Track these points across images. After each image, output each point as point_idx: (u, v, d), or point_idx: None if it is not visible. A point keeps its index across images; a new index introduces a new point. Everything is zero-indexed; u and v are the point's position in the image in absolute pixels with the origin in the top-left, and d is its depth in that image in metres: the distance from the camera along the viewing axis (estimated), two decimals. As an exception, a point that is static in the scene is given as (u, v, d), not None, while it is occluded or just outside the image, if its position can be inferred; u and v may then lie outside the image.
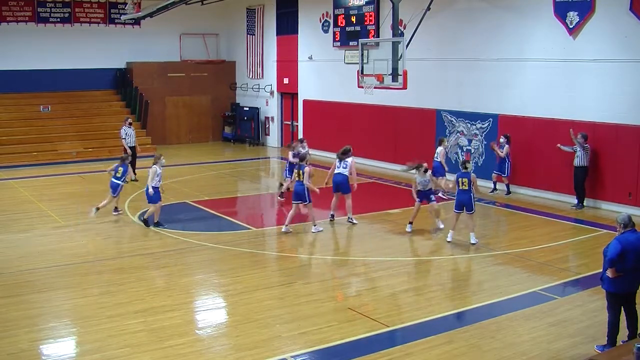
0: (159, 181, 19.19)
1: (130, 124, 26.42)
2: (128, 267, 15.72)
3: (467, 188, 17.12)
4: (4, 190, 24.00)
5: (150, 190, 18.86)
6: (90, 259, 16.27)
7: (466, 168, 17.37)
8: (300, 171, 18.51)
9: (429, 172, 19.01)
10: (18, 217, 20.58)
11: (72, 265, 15.72)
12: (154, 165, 19.12)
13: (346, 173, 19.55)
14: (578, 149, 20.87)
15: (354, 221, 19.63)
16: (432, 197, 18.79)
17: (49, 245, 17.57)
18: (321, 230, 18.70)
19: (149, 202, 19.18)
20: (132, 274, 15.30)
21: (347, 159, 19.65)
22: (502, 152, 22.90)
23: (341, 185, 19.52)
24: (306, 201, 18.64)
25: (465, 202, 17.19)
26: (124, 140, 25.91)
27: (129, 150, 25.67)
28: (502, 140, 23.07)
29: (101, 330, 11.94)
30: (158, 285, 14.50)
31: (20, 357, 10.94)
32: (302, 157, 19.05)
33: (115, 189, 20.16)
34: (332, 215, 19.99)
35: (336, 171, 19.76)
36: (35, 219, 20.47)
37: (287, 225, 18.69)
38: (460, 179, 17.22)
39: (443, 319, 12.40)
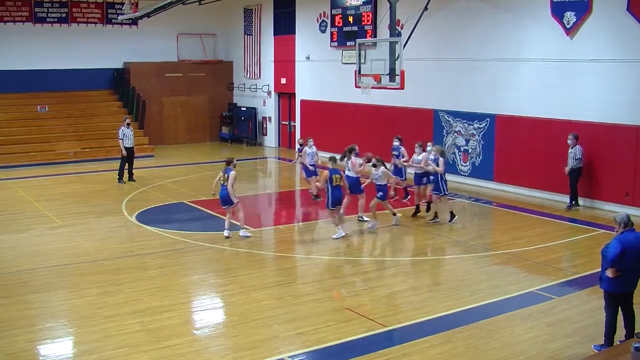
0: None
1: (128, 124, 26.38)
2: (126, 267, 15.71)
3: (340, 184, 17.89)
4: (1, 190, 23.96)
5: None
6: (88, 259, 16.26)
7: (335, 162, 18.29)
8: (226, 175, 17.91)
9: (382, 167, 19.09)
10: (16, 217, 20.57)
11: (69, 265, 15.71)
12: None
13: (353, 174, 19.46)
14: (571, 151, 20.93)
15: (364, 219, 19.63)
16: (380, 193, 19.09)
17: (46, 246, 17.57)
18: (249, 237, 17.98)
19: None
20: (130, 274, 15.29)
21: (348, 161, 19.63)
22: (438, 167, 19.67)
23: (352, 186, 19.36)
24: (232, 204, 17.93)
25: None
26: (120, 140, 25.86)
27: (124, 151, 25.65)
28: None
29: (99, 330, 11.94)
30: (156, 286, 14.47)
31: (18, 357, 10.94)
32: (228, 161, 18.28)
33: None
34: (361, 217, 19.93)
35: (346, 174, 19.48)
36: (32, 219, 20.46)
37: (228, 230, 18.03)
38: (333, 176, 17.83)
39: (441, 319, 12.40)
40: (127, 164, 25.98)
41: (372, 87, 23.10)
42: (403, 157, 21.98)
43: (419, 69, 25.30)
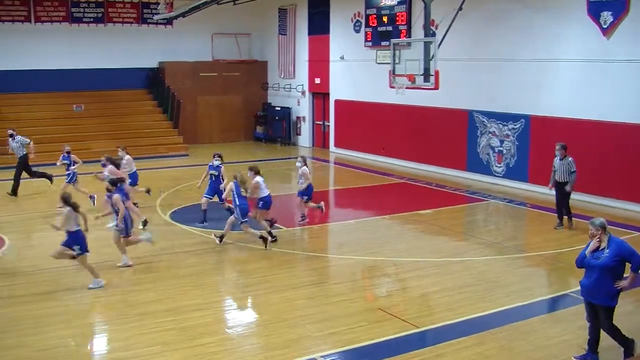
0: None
1: (11, 135, 24.74)
2: (158, 266, 15.83)
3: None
4: (37, 188, 24.14)
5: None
6: (118, 258, 16.36)
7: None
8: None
9: (304, 167, 19.02)
10: (50, 215, 20.69)
11: (103, 263, 15.80)
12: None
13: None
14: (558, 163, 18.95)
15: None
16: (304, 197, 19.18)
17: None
18: (130, 265, 15.88)
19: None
20: (163, 272, 15.41)
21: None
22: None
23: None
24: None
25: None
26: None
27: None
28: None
29: (132, 328, 12.05)
30: (188, 284, 14.55)
31: (52, 353, 11.08)
32: (112, 182, 16.66)
33: None
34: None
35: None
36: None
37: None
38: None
39: (474, 320, 12.35)
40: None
41: (407, 88, 23.06)
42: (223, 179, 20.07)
43: (453, 69, 25.19)
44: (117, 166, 19.97)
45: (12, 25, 34.26)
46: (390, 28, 29.85)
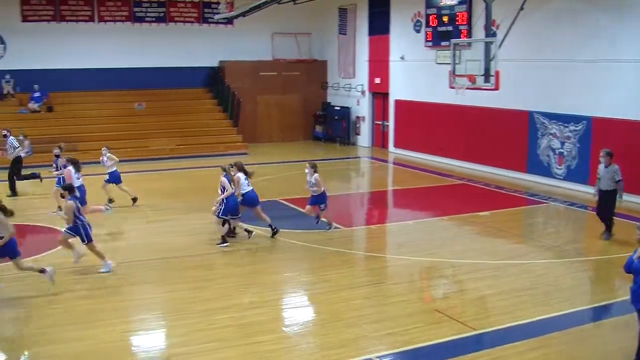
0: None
1: (4, 135, 25.08)
2: (217, 263, 16.00)
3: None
4: (97, 185, 24.57)
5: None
6: (180, 254, 16.58)
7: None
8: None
9: (316, 174, 18.44)
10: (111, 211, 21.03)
11: (162, 259, 16.04)
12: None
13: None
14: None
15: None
16: (322, 205, 18.66)
17: (140, 240, 18.04)
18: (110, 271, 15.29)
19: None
20: (221, 270, 15.58)
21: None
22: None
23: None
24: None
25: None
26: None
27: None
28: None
29: (190, 324, 12.20)
30: (246, 282, 14.69)
31: (113, 347, 11.29)
32: (65, 188, 15.72)
33: None
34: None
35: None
36: (128, 214, 20.96)
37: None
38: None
39: (531, 324, 12.21)
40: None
41: (467, 88, 22.95)
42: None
43: (513, 70, 24.96)
44: (78, 168, 19.34)
45: (76, 25, 34.99)
46: (450, 28, 29.68)
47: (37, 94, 33.81)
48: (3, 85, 34.14)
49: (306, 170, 18.55)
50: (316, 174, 18.33)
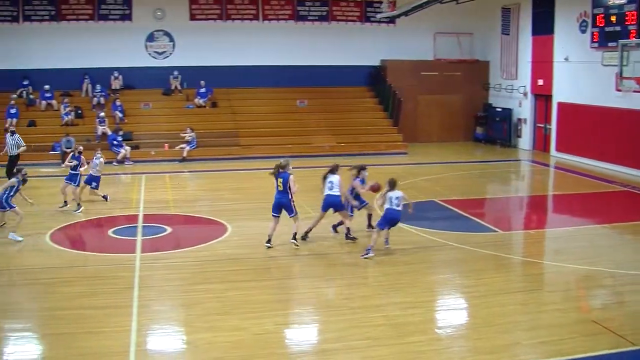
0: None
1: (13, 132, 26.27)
2: (373, 262, 16.08)
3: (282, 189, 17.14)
4: (256, 179, 25.12)
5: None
6: (335, 251, 16.83)
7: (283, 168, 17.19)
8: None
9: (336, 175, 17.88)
10: (268, 205, 21.36)
11: (316, 255, 16.33)
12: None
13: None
14: None
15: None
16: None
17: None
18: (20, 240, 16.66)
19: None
20: (377, 268, 15.67)
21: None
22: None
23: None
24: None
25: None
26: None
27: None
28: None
29: (344, 320, 12.35)
30: (401, 282, 14.73)
31: (266, 338, 11.60)
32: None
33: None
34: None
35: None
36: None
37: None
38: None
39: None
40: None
41: (634, 91, 22.24)
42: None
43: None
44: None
45: (241, 24, 36.19)
46: (618, 28, 28.65)
47: (202, 90, 35.15)
48: (171, 81, 35.66)
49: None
50: (336, 175, 18.05)
